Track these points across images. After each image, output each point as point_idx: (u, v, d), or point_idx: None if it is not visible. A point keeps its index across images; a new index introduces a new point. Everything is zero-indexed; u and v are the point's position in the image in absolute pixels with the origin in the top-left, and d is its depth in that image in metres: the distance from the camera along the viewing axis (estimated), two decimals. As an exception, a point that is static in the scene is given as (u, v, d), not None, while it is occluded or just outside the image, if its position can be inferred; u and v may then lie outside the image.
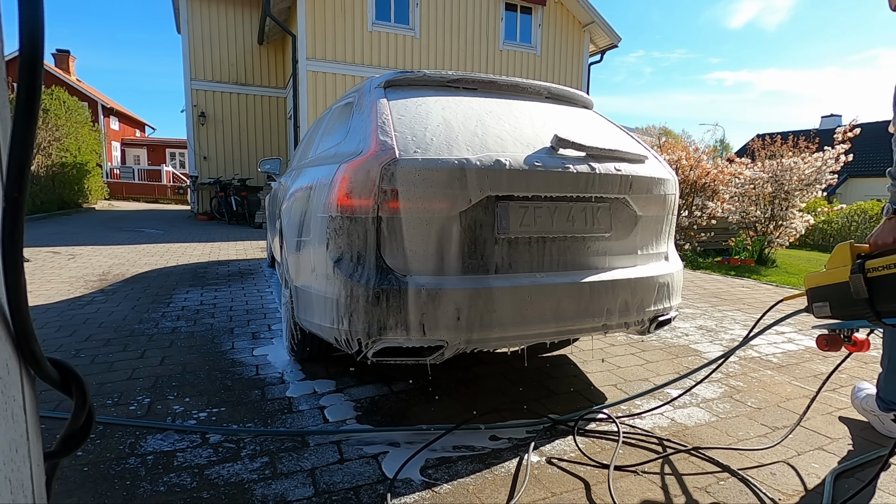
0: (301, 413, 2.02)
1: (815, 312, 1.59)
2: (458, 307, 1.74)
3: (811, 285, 1.60)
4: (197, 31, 11.89)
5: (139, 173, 23.66)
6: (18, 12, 0.40)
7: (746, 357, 2.87)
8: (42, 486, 0.50)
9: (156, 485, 1.52)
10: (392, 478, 1.58)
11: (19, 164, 0.41)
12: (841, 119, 26.17)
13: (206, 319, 3.35)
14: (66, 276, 4.77)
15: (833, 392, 2.37)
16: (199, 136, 12.25)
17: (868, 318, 1.42)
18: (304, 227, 2.09)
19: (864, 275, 1.38)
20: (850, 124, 6.61)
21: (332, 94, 9.67)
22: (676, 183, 2.27)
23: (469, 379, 2.41)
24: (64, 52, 24.45)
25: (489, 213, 1.82)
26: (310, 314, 2.00)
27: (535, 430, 1.92)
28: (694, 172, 7.34)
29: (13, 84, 5.53)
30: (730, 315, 3.89)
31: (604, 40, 12.17)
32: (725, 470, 1.67)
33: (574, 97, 2.57)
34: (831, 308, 1.53)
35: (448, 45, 10.67)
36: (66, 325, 3.14)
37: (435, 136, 1.85)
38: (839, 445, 1.87)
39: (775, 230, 7.18)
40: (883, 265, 1.34)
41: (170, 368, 2.45)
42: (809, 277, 1.62)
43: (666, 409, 2.15)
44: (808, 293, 1.61)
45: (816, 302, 1.58)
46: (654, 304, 2.10)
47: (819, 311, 1.57)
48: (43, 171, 12.43)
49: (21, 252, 0.42)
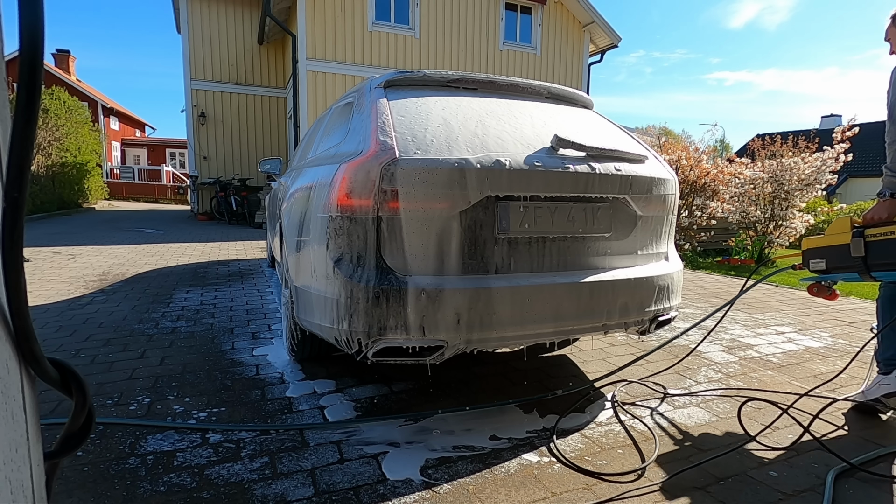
0: (301, 413, 2.02)
1: (811, 267, 2.06)
2: (458, 307, 1.74)
3: (810, 246, 2.06)
4: (197, 30, 11.89)
5: (139, 173, 23.65)
6: (18, 12, 0.40)
7: (746, 357, 2.87)
8: (42, 486, 0.50)
9: (156, 485, 1.52)
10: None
11: (19, 164, 0.41)
12: (841, 119, 26.17)
13: (206, 319, 3.35)
14: (66, 276, 4.77)
15: (833, 392, 2.37)
16: (199, 136, 12.25)
17: (859, 271, 1.90)
18: (304, 227, 2.09)
19: (864, 239, 1.86)
20: (848, 124, 6.61)
21: (332, 94, 9.67)
22: (676, 183, 2.27)
23: (469, 379, 2.41)
24: (64, 52, 24.45)
25: (489, 214, 1.82)
26: (310, 314, 2.00)
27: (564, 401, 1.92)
28: (694, 172, 7.34)
29: (13, 84, 5.53)
30: (730, 315, 3.89)
31: (604, 40, 12.17)
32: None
33: (574, 97, 2.57)
34: (827, 263, 2.00)
35: (448, 45, 10.67)
36: (66, 325, 3.14)
37: (435, 137, 1.85)
38: (839, 445, 1.87)
39: (775, 230, 7.18)
40: (880, 233, 1.83)
41: (170, 368, 2.45)
42: (808, 241, 2.08)
43: (666, 408, 2.15)
44: (806, 252, 2.08)
45: (813, 259, 2.05)
46: (654, 304, 2.10)
47: (815, 265, 2.04)
48: (43, 171, 12.43)
49: (21, 252, 0.42)
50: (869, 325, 3.58)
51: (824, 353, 2.97)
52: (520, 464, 1.69)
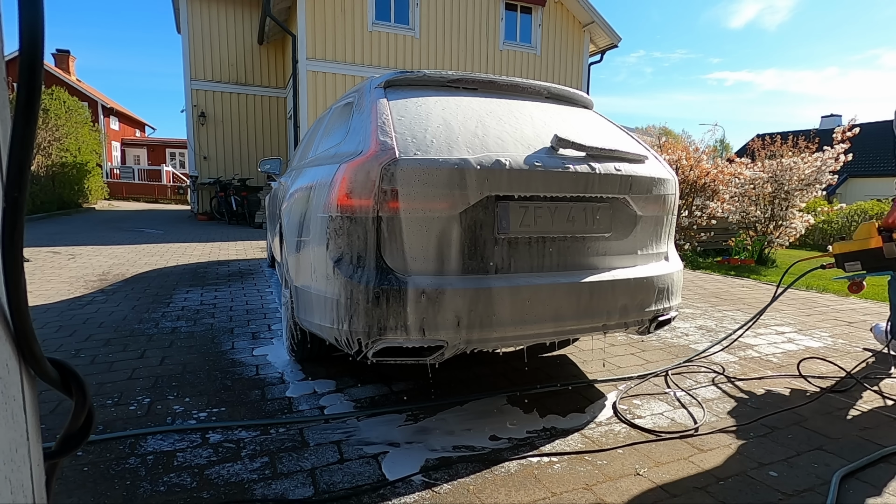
0: (301, 413, 2.02)
1: (847, 269, 2.50)
2: (458, 307, 1.74)
3: (842, 251, 2.50)
4: (197, 30, 11.89)
5: (139, 173, 23.66)
6: (18, 12, 0.40)
7: (746, 357, 2.87)
8: (42, 486, 0.50)
9: (156, 485, 1.52)
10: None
11: (19, 164, 0.41)
12: (841, 119, 26.15)
13: (205, 319, 3.35)
14: (66, 276, 4.77)
15: (833, 392, 2.37)
16: (199, 136, 12.25)
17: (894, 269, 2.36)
18: (304, 227, 2.09)
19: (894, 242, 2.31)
20: (848, 124, 6.61)
21: (332, 94, 9.67)
22: (676, 183, 2.27)
23: (469, 379, 2.41)
24: (64, 52, 24.46)
25: (489, 214, 1.82)
26: (310, 314, 2.00)
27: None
28: (694, 172, 7.34)
29: (13, 84, 5.53)
30: (730, 315, 3.89)
31: (604, 40, 12.17)
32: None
33: (574, 97, 2.57)
34: (863, 265, 2.42)
35: (448, 45, 10.67)
36: (66, 325, 3.14)
37: (435, 137, 1.85)
38: (839, 445, 1.87)
39: (775, 230, 7.18)
40: None
41: (170, 368, 2.45)
42: (838, 246, 2.55)
43: (666, 408, 2.15)
44: (839, 256, 2.52)
45: (848, 261, 2.48)
46: (653, 304, 2.10)
47: (851, 267, 2.47)
48: (43, 171, 12.43)
49: (21, 252, 0.42)
50: (868, 325, 3.59)
51: (824, 352, 2.97)
52: (520, 464, 1.69)
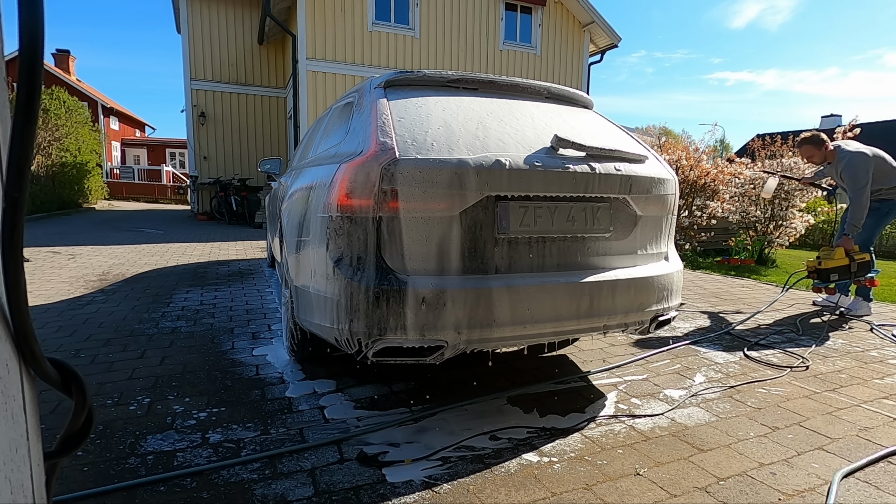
0: (301, 413, 2.02)
1: (830, 277, 3.66)
2: (458, 308, 1.74)
3: (828, 266, 3.66)
4: (197, 31, 11.89)
5: (139, 173, 23.64)
6: (18, 12, 0.40)
7: (746, 357, 2.87)
8: (42, 486, 0.50)
9: (156, 485, 1.52)
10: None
11: (19, 164, 0.41)
12: (841, 119, 26.14)
13: (205, 319, 3.35)
14: (66, 276, 4.77)
15: (833, 392, 2.37)
16: (199, 136, 12.25)
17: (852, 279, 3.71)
18: (304, 227, 2.09)
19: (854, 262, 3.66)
20: (849, 124, 6.60)
21: (332, 94, 9.67)
22: (676, 183, 2.27)
23: (469, 379, 2.41)
24: (64, 52, 24.45)
25: (489, 214, 1.82)
26: (310, 314, 2.00)
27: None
28: (694, 172, 7.33)
29: (13, 84, 5.53)
30: (730, 315, 3.89)
31: (604, 40, 12.17)
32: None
33: (574, 97, 2.57)
34: (839, 276, 3.66)
35: (448, 45, 10.67)
36: (66, 325, 3.14)
37: (435, 137, 1.85)
38: (839, 445, 1.87)
39: (775, 230, 7.18)
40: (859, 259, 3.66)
41: (170, 368, 2.45)
42: (826, 262, 3.67)
43: (666, 408, 2.15)
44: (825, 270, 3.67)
45: (832, 273, 3.66)
46: (654, 305, 2.10)
47: (832, 277, 3.65)
48: (43, 171, 12.43)
49: (21, 252, 0.42)
50: (868, 327, 3.59)
51: (824, 353, 2.97)
52: (520, 464, 1.69)
